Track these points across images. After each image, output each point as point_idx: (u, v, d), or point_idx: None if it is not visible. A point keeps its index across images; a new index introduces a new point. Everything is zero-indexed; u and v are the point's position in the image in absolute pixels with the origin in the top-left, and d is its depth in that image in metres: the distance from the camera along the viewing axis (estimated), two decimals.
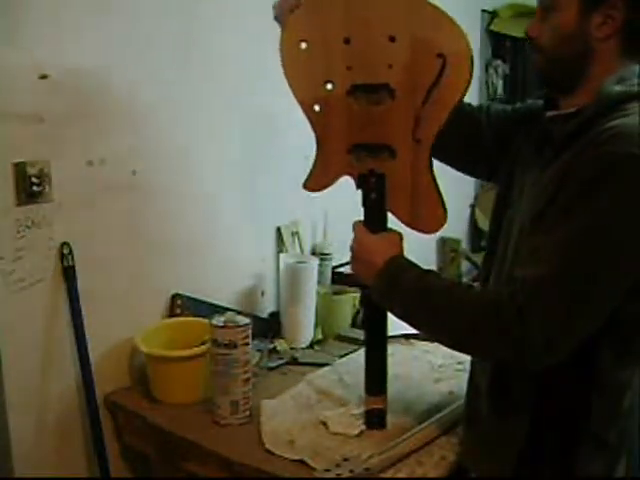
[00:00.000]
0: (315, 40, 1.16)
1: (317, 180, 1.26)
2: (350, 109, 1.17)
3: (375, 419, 1.26)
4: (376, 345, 1.26)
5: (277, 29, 1.26)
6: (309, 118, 1.22)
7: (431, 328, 1.07)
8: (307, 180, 1.27)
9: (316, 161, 1.25)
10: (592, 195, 0.88)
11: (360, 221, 1.20)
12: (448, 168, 1.32)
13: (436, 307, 1.02)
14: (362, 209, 1.21)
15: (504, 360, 0.99)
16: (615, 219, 0.88)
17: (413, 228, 1.20)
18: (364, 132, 1.18)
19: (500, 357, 0.98)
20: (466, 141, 1.25)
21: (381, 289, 1.11)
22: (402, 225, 1.20)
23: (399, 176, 1.17)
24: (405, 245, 1.18)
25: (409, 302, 1.06)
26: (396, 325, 1.26)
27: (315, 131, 1.23)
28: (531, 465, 1.01)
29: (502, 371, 1.05)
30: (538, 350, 0.90)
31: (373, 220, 1.19)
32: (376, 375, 1.26)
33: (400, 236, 1.18)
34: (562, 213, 0.91)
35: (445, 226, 1.17)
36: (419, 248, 1.19)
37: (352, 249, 1.19)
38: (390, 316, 1.24)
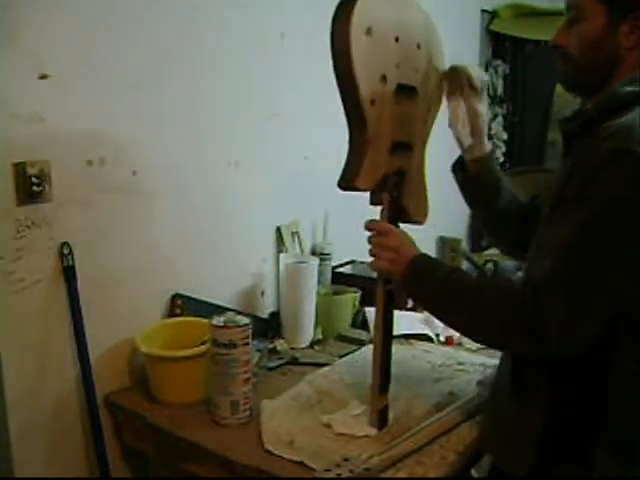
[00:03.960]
0: (377, 31, 1.13)
1: (366, 179, 1.17)
2: (393, 107, 1.18)
3: (383, 418, 1.26)
4: (389, 342, 1.27)
5: (276, 29, 1.26)
6: (363, 111, 1.13)
7: (457, 319, 1.09)
8: (355, 179, 1.15)
9: (363, 159, 1.15)
10: (590, 189, 0.92)
11: (375, 220, 1.20)
12: (446, 168, 1.33)
13: (463, 300, 1.05)
14: (364, 210, 1.22)
15: (524, 350, 1.02)
16: (612, 210, 0.91)
17: (409, 221, 1.25)
18: (401, 130, 1.21)
19: (520, 347, 1.01)
20: (494, 228, 1.35)
21: (416, 275, 1.12)
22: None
23: (410, 173, 1.25)
24: None
25: (440, 292, 1.09)
26: (396, 325, 1.26)
27: (367, 126, 1.14)
28: (548, 461, 1.02)
29: (523, 363, 1.08)
30: (554, 337, 0.93)
31: (393, 218, 1.21)
32: (387, 373, 1.27)
33: None
34: (567, 207, 0.95)
35: (445, 226, 1.19)
36: (419, 248, 1.19)
37: (373, 241, 1.16)
38: None
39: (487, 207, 1.30)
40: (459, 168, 1.30)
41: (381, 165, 1.18)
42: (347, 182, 1.16)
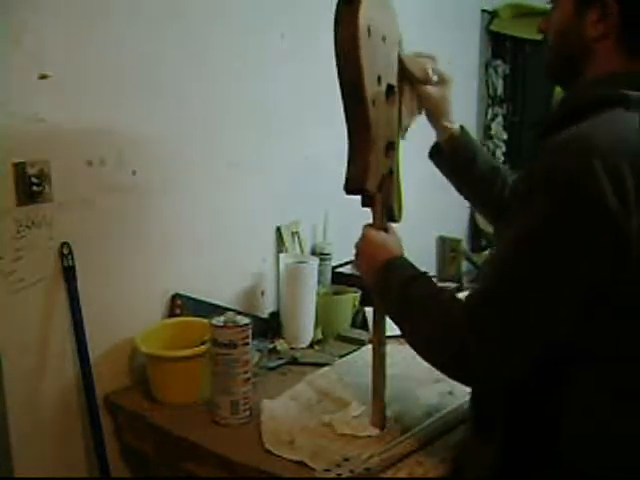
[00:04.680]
0: (374, 31, 1.11)
1: (372, 181, 1.16)
2: (385, 107, 1.18)
3: (384, 418, 1.26)
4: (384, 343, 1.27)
5: (276, 29, 1.25)
6: (367, 113, 1.12)
7: (404, 335, 1.06)
8: (364, 181, 1.14)
9: (369, 161, 1.14)
10: (521, 209, 0.87)
11: (370, 224, 1.21)
12: None
13: (405, 317, 1.03)
14: (364, 209, 1.22)
15: (459, 379, 0.97)
16: (541, 233, 0.84)
17: (392, 220, 1.25)
18: (390, 130, 1.21)
19: (454, 375, 0.96)
20: (479, 194, 1.32)
21: (377, 286, 1.12)
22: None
23: (394, 172, 1.25)
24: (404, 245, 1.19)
25: (392, 305, 1.07)
26: (392, 325, 1.26)
27: (370, 128, 1.13)
28: None
29: (480, 393, 1.04)
30: (481, 370, 0.89)
31: (381, 219, 1.21)
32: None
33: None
34: (501, 231, 0.93)
35: (445, 226, 1.20)
36: (419, 248, 1.20)
37: (357, 247, 1.19)
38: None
39: (466, 178, 1.30)
40: (435, 153, 1.31)
41: (381, 166, 1.18)
42: (356, 185, 1.14)
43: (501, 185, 1.29)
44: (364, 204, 1.21)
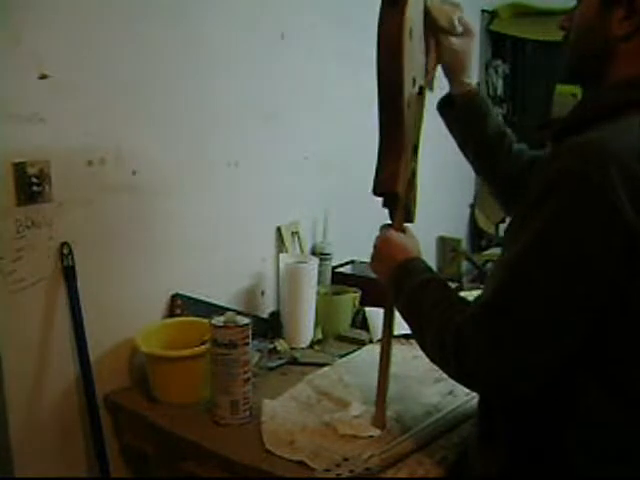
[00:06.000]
0: (414, 32, 1.09)
1: (402, 184, 1.15)
2: (415, 108, 1.17)
3: (385, 418, 1.26)
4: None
5: (276, 29, 1.24)
6: (402, 116, 1.11)
7: (414, 336, 1.06)
8: (396, 184, 1.14)
9: (400, 164, 1.14)
10: (531, 216, 0.85)
11: (388, 224, 1.20)
12: (446, 169, 1.33)
13: (415, 320, 1.03)
14: (364, 210, 1.21)
15: (467, 386, 0.97)
16: (550, 241, 0.82)
17: (407, 221, 1.23)
18: (416, 132, 1.20)
19: (461, 382, 0.95)
20: (484, 154, 1.27)
21: (391, 285, 1.11)
22: None
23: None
24: None
25: (404, 306, 1.07)
26: (396, 325, 1.26)
27: (404, 131, 1.12)
28: None
29: (487, 399, 1.03)
30: (482, 384, 0.89)
31: (401, 221, 1.20)
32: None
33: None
34: (511, 234, 0.90)
35: (445, 226, 1.19)
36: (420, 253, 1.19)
37: (376, 246, 1.18)
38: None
39: (474, 135, 1.25)
40: (446, 104, 1.27)
41: (408, 168, 1.18)
42: (387, 188, 1.14)
43: (507, 149, 1.24)
44: (386, 205, 1.20)
